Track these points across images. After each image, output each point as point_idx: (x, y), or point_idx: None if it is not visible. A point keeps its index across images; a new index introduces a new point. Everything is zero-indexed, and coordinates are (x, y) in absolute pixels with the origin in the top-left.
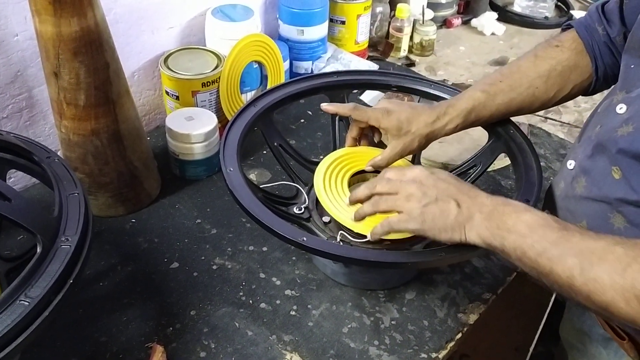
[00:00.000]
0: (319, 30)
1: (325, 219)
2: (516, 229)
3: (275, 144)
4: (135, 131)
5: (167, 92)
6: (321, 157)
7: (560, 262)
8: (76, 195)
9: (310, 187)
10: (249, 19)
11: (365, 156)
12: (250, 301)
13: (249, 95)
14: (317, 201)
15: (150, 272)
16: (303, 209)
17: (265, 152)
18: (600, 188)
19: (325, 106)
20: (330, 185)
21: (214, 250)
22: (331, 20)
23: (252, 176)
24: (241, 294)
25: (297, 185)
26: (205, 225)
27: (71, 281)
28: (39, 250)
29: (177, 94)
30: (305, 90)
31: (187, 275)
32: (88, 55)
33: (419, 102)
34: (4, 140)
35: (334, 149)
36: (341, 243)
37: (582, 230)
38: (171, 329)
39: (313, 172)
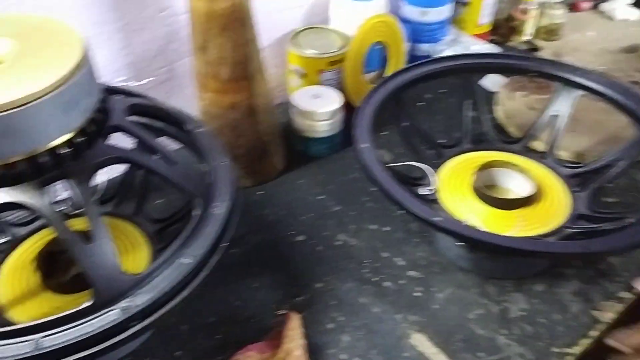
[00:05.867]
0: (442, 12)
1: None
2: None
3: (404, 124)
4: (267, 106)
5: (292, 70)
6: (444, 140)
7: None
8: (225, 165)
9: (437, 170)
10: None
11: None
12: (375, 279)
13: (370, 76)
14: None
15: (277, 243)
16: (430, 191)
17: (386, 133)
18: None
19: None
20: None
21: (337, 226)
22: (455, 2)
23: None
24: (365, 270)
25: (425, 167)
26: (329, 201)
27: (224, 245)
28: (198, 213)
29: (303, 72)
30: (439, 72)
31: (312, 249)
32: (234, 31)
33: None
34: (161, 109)
35: (464, 132)
36: None
37: None
38: (300, 298)
39: (440, 155)
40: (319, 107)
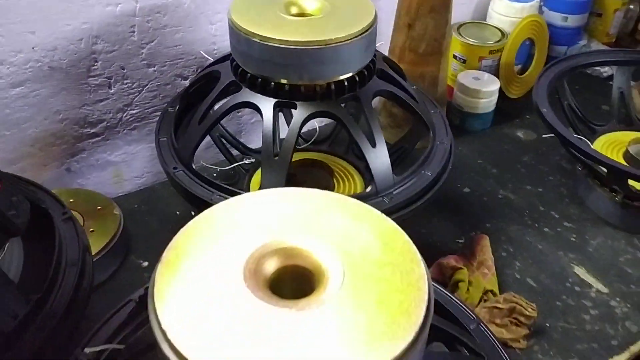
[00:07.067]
0: (580, 19)
1: None
2: None
3: (565, 103)
4: (444, 80)
5: (454, 56)
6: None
7: None
8: (438, 112)
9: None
10: (532, 1)
11: None
12: (536, 225)
13: (516, 68)
14: None
15: (447, 191)
16: None
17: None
18: None
19: None
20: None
21: (497, 184)
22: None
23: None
24: (526, 218)
25: (583, 138)
26: (487, 165)
27: (449, 168)
28: (431, 143)
29: (464, 58)
30: (600, 62)
31: (477, 199)
32: (439, 12)
33: None
34: (397, 66)
35: (613, 115)
36: None
37: None
38: (474, 233)
39: (593, 131)
40: (482, 87)
